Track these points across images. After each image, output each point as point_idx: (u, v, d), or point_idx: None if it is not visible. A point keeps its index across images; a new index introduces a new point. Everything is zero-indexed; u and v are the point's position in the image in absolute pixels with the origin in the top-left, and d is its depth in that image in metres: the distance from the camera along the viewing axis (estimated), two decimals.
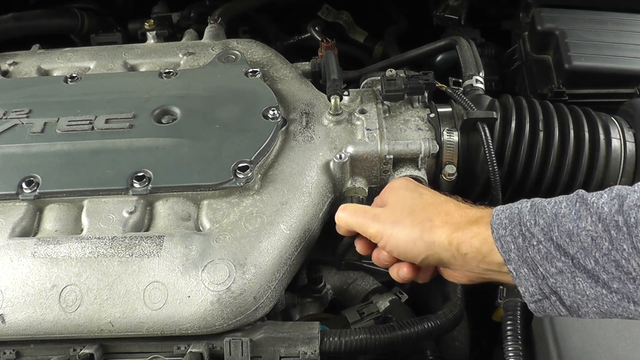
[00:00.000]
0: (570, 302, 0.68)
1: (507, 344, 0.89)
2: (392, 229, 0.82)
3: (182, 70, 1.23)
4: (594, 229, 0.64)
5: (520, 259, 0.69)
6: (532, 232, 0.68)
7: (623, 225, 0.62)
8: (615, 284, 0.64)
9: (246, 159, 0.99)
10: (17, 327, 0.88)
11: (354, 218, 0.88)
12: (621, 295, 0.64)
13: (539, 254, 0.68)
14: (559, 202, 0.69)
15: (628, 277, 0.63)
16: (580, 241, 0.65)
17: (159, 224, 0.96)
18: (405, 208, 0.84)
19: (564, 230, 0.66)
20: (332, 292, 1.17)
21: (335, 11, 1.80)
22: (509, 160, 1.08)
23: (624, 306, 0.64)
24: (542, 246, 0.68)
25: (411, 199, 0.85)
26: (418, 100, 1.14)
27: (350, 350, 0.88)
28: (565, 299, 0.68)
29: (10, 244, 0.93)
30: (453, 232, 0.77)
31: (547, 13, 1.35)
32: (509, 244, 0.70)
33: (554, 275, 0.67)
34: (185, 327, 0.87)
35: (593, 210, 0.65)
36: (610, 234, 0.63)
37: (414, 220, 0.81)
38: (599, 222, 0.64)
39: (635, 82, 1.23)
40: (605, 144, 1.07)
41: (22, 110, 1.11)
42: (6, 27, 1.53)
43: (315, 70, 1.27)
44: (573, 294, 0.67)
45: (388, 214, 0.85)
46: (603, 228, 0.64)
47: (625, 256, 0.62)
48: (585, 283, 0.65)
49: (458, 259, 0.77)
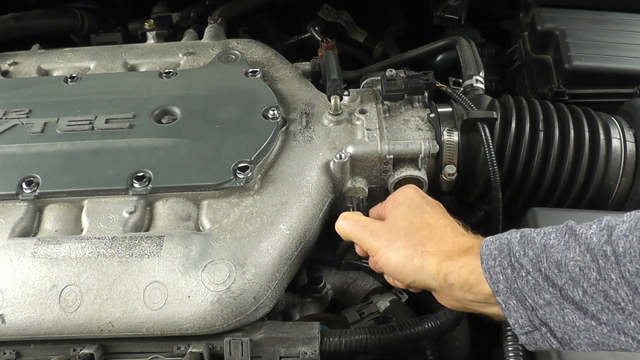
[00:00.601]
0: (562, 334, 0.67)
1: (507, 344, 0.89)
2: (385, 248, 0.82)
3: (182, 70, 1.23)
4: (582, 259, 0.64)
5: (509, 290, 0.69)
6: (521, 263, 0.68)
7: (611, 255, 0.62)
8: (604, 315, 0.63)
9: (246, 159, 0.99)
10: (17, 327, 0.88)
11: (353, 230, 0.88)
12: (611, 326, 0.63)
13: (527, 285, 0.67)
14: (548, 233, 0.69)
15: (617, 308, 0.62)
16: (568, 271, 0.64)
17: (159, 224, 0.96)
18: (402, 227, 0.83)
19: (553, 260, 0.66)
20: (332, 292, 1.17)
21: (335, 11, 1.80)
22: (509, 160, 1.08)
23: (615, 337, 0.63)
24: (531, 277, 0.67)
25: (410, 217, 0.84)
26: (418, 100, 1.14)
27: (350, 350, 0.88)
28: (556, 331, 0.67)
29: (10, 244, 0.93)
30: (443, 261, 0.76)
31: (547, 13, 1.35)
32: (498, 274, 0.69)
33: (542, 306, 0.67)
34: (185, 327, 0.87)
35: (581, 240, 0.65)
36: (599, 264, 0.63)
37: (407, 242, 0.81)
38: (587, 253, 0.64)
39: (635, 82, 1.23)
40: (606, 144, 1.07)
41: (22, 110, 1.11)
42: (6, 27, 1.53)
43: (315, 70, 1.27)
44: (563, 326, 0.66)
45: (384, 231, 0.84)
46: (591, 258, 0.63)
47: (613, 286, 0.62)
48: (574, 315, 0.65)
49: (444, 288, 0.76)
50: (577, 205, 1.09)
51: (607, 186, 1.07)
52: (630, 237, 0.61)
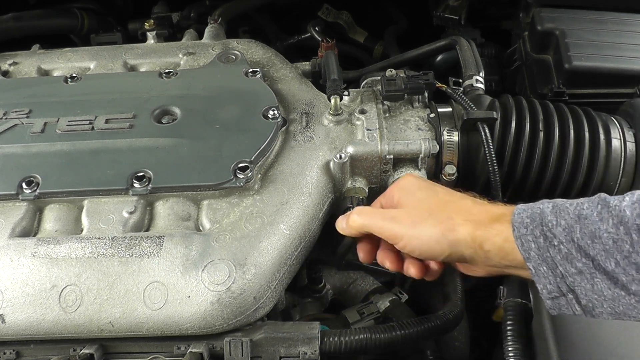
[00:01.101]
0: (586, 302, 0.69)
1: (507, 344, 0.89)
2: (412, 230, 0.82)
3: (182, 70, 1.23)
4: (615, 232, 0.65)
5: (540, 258, 0.70)
6: (553, 233, 0.69)
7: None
8: (634, 286, 0.65)
9: (246, 159, 0.99)
10: (17, 327, 0.88)
11: (373, 220, 0.88)
12: (639, 297, 0.65)
13: (559, 254, 0.69)
14: (581, 203, 0.70)
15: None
16: (602, 243, 0.66)
17: (159, 224, 0.96)
18: (423, 208, 0.84)
19: (587, 232, 0.67)
20: (332, 292, 1.17)
21: (335, 11, 1.80)
22: (509, 160, 1.08)
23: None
24: (564, 247, 0.69)
25: (427, 198, 0.86)
26: (418, 100, 1.14)
27: (351, 350, 0.88)
28: (582, 298, 0.69)
29: (10, 244, 0.92)
30: (476, 230, 0.78)
31: (547, 13, 1.35)
32: (530, 242, 0.71)
33: (573, 275, 0.68)
34: (185, 327, 0.87)
35: (615, 213, 0.66)
36: (632, 237, 0.64)
37: (435, 220, 0.81)
38: (620, 225, 0.65)
39: (635, 82, 1.23)
40: (606, 144, 1.07)
41: (22, 110, 1.11)
42: (6, 27, 1.53)
43: (315, 70, 1.27)
44: (590, 294, 0.68)
45: (407, 215, 0.85)
46: (625, 231, 0.65)
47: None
48: (604, 284, 0.67)
49: (480, 256, 0.78)
50: None
51: (607, 186, 1.07)
52: None
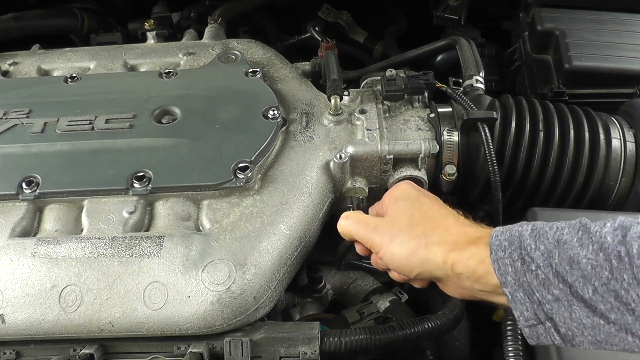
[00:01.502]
0: (565, 330, 0.67)
1: (507, 344, 0.89)
2: (389, 243, 0.82)
3: (182, 70, 1.23)
4: (594, 258, 0.64)
5: (517, 283, 0.68)
6: (531, 257, 0.68)
7: (625, 255, 0.62)
8: (613, 314, 0.63)
9: (246, 159, 0.99)
10: (17, 327, 0.88)
11: (356, 228, 0.88)
12: (619, 326, 0.63)
13: (536, 280, 0.67)
14: (561, 228, 0.68)
15: (627, 308, 0.62)
16: (580, 269, 0.64)
17: (159, 224, 0.96)
18: (403, 220, 0.83)
19: (565, 257, 0.65)
20: (332, 292, 1.17)
21: (335, 11, 1.80)
22: (509, 160, 1.08)
23: (621, 337, 0.63)
24: (541, 272, 0.67)
25: (410, 210, 0.84)
26: (418, 100, 1.14)
27: (351, 350, 0.88)
28: (560, 327, 0.67)
29: (10, 244, 0.93)
30: (449, 252, 0.76)
31: (547, 13, 1.35)
32: (507, 266, 0.69)
33: (550, 302, 0.66)
34: (185, 327, 0.87)
35: (595, 239, 0.65)
36: (611, 264, 0.62)
37: (410, 234, 0.80)
38: (600, 251, 0.64)
39: (635, 82, 1.23)
40: (606, 144, 1.07)
41: (22, 110, 1.11)
42: (6, 27, 1.53)
43: (315, 70, 1.27)
44: (569, 322, 0.66)
45: (386, 227, 0.84)
46: (604, 257, 0.63)
47: (625, 286, 0.61)
48: (582, 312, 0.65)
49: (452, 278, 0.76)
50: (577, 205, 1.09)
51: (607, 186, 1.07)
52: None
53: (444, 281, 0.79)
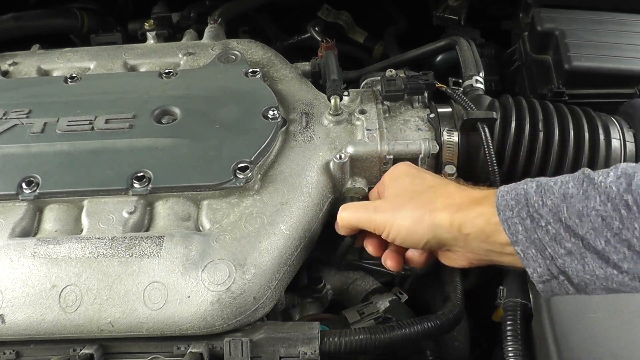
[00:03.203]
0: (579, 281, 0.67)
1: (507, 344, 0.89)
2: (393, 218, 0.82)
3: (182, 71, 1.23)
4: (603, 209, 0.64)
5: (528, 240, 0.69)
6: (540, 214, 0.68)
7: (633, 204, 0.62)
8: (625, 264, 0.63)
9: (246, 159, 0.99)
10: (17, 327, 0.88)
11: (357, 214, 0.88)
12: (632, 275, 0.63)
13: (547, 235, 0.67)
14: (566, 182, 0.68)
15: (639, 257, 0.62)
16: (590, 221, 0.64)
17: (159, 224, 0.96)
18: (405, 194, 0.84)
19: (574, 211, 0.66)
20: (332, 292, 1.17)
21: (335, 11, 1.80)
22: (509, 160, 1.08)
23: (635, 285, 0.64)
24: (551, 227, 0.67)
25: (411, 184, 0.85)
26: (418, 100, 1.14)
27: (350, 350, 0.88)
28: (574, 278, 0.67)
29: (10, 244, 0.92)
30: (455, 213, 0.77)
31: (547, 13, 1.35)
32: (517, 225, 0.69)
33: (562, 256, 0.67)
34: (185, 327, 0.87)
35: (601, 189, 0.65)
36: (621, 213, 0.62)
37: (414, 204, 0.81)
38: (608, 202, 0.63)
39: (635, 82, 1.23)
40: (605, 144, 1.07)
41: (22, 110, 1.11)
42: (6, 27, 1.53)
43: (315, 70, 1.27)
44: (582, 274, 0.66)
45: (389, 203, 0.85)
46: (613, 207, 0.63)
47: (637, 235, 0.62)
48: (595, 263, 0.65)
49: (460, 240, 0.77)
50: None
51: None
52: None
53: (453, 246, 0.79)
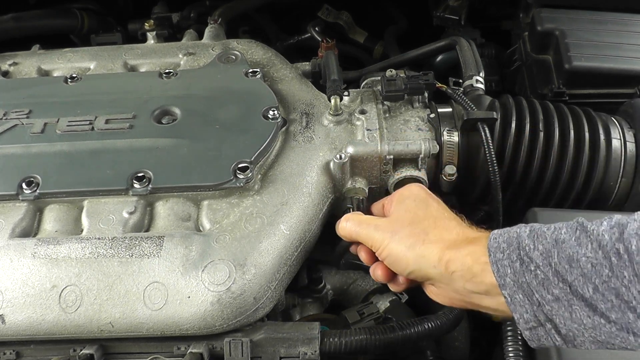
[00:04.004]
0: (566, 331, 0.66)
1: (507, 344, 0.89)
2: (389, 239, 0.82)
3: (182, 71, 1.23)
4: (594, 256, 0.63)
5: (516, 284, 0.68)
6: (530, 257, 0.67)
7: (624, 252, 0.62)
8: (613, 314, 0.62)
9: (246, 160, 0.99)
10: (17, 328, 0.88)
11: (357, 229, 0.89)
12: (620, 325, 0.62)
13: (535, 280, 0.67)
14: (559, 228, 0.68)
15: (628, 306, 0.61)
16: (580, 267, 0.64)
17: (159, 225, 0.96)
18: (406, 219, 0.84)
19: (564, 256, 0.65)
20: (332, 293, 1.17)
21: (335, 11, 1.80)
22: (509, 160, 1.08)
23: (623, 337, 0.63)
24: (540, 271, 0.66)
25: (415, 209, 0.85)
26: (418, 100, 1.14)
27: (351, 350, 0.88)
28: (561, 328, 0.66)
29: (10, 244, 0.92)
30: (446, 249, 0.76)
31: (547, 13, 1.35)
32: (506, 268, 0.69)
33: (550, 302, 0.66)
34: (185, 327, 0.87)
35: (593, 237, 0.64)
36: (611, 261, 0.62)
37: (410, 231, 0.81)
38: (599, 249, 0.63)
39: (635, 82, 1.23)
40: (606, 144, 1.07)
41: (22, 110, 1.11)
42: (6, 27, 1.53)
43: (315, 70, 1.27)
44: (569, 323, 0.65)
45: (388, 224, 0.85)
46: (603, 255, 0.63)
47: (625, 284, 0.61)
48: (583, 312, 0.64)
49: (444, 278, 0.76)
50: (577, 205, 1.09)
51: (607, 186, 1.07)
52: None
53: (437, 282, 0.79)
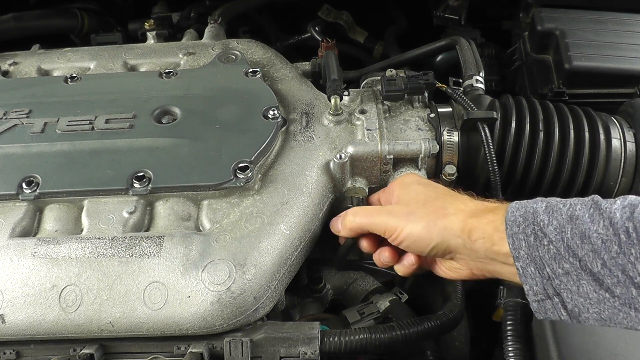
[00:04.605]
0: (572, 306, 0.69)
1: (507, 344, 0.89)
2: (406, 220, 0.84)
3: (182, 70, 1.22)
4: (605, 232, 0.66)
5: (529, 258, 0.71)
6: (544, 232, 0.70)
7: (633, 231, 0.65)
8: (618, 289, 0.65)
9: (246, 159, 0.99)
10: (17, 327, 0.88)
11: (368, 218, 0.90)
12: (623, 300, 0.65)
13: (547, 254, 0.70)
14: (574, 204, 0.71)
15: (632, 282, 0.64)
16: (590, 243, 0.67)
17: (159, 224, 0.96)
18: (419, 200, 0.86)
19: (577, 232, 0.68)
20: (332, 292, 1.17)
21: (336, 11, 1.80)
22: (509, 160, 1.08)
23: (625, 312, 0.66)
24: (553, 246, 0.69)
25: (425, 192, 0.88)
26: (418, 100, 1.14)
27: (351, 350, 0.88)
28: (568, 302, 0.69)
29: (10, 244, 0.92)
30: (467, 218, 0.79)
31: (547, 13, 1.35)
32: (521, 241, 0.72)
33: (559, 276, 0.69)
34: (185, 327, 0.87)
35: (606, 214, 0.67)
36: (620, 238, 0.65)
37: (428, 208, 0.83)
38: (610, 226, 0.66)
39: (635, 82, 1.23)
40: (606, 144, 1.07)
41: (22, 110, 1.11)
42: (6, 27, 1.53)
43: (315, 70, 1.27)
44: (576, 297, 0.68)
45: (402, 207, 0.87)
46: (614, 232, 0.66)
47: (632, 260, 0.64)
48: (590, 286, 0.67)
49: (467, 246, 0.79)
50: None
51: (607, 186, 1.07)
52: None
53: (459, 253, 0.81)
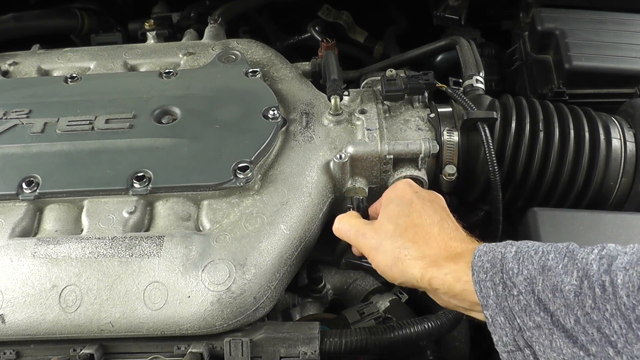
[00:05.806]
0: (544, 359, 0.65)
1: None
2: (375, 251, 0.84)
3: (182, 70, 1.23)
4: (579, 285, 0.62)
5: (498, 307, 0.67)
6: (513, 282, 0.66)
7: (609, 285, 0.60)
8: (594, 347, 0.61)
9: (246, 159, 0.99)
10: (17, 327, 0.88)
11: (347, 234, 0.90)
12: (599, 359, 0.60)
13: (517, 305, 0.66)
14: (547, 252, 0.67)
15: (608, 341, 0.60)
16: (563, 297, 0.62)
17: (159, 224, 0.96)
18: (388, 229, 0.83)
19: (549, 284, 0.64)
20: (332, 292, 1.17)
21: (336, 11, 1.80)
22: (509, 160, 1.08)
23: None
24: (522, 298, 0.65)
25: (396, 218, 0.84)
26: (418, 100, 1.14)
27: (351, 350, 0.88)
28: (540, 355, 0.65)
29: (10, 244, 0.93)
30: (427, 267, 0.76)
31: (547, 13, 1.35)
32: (488, 289, 0.68)
33: (530, 329, 0.65)
34: (185, 327, 0.87)
35: (581, 265, 0.63)
36: (595, 292, 0.60)
37: (392, 245, 0.81)
38: (585, 279, 0.62)
39: (635, 82, 1.23)
40: (606, 144, 1.07)
41: (22, 110, 1.11)
42: (6, 27, 1.53)
43: (315, 70, 1.27)
44: (549, 351, 0.64)
45: (373, 234, 0.85)
46: (588, 285, 0.61)
47: (607, 317, 0.59)
48: (562, 342, 0.63)
49: (430, 292, 0.78)
50: (577, 205, 1.09)
51: (607, 186, 1.07)
52: (631, 271, 0.59)
53: (426, 292, 0.80)
